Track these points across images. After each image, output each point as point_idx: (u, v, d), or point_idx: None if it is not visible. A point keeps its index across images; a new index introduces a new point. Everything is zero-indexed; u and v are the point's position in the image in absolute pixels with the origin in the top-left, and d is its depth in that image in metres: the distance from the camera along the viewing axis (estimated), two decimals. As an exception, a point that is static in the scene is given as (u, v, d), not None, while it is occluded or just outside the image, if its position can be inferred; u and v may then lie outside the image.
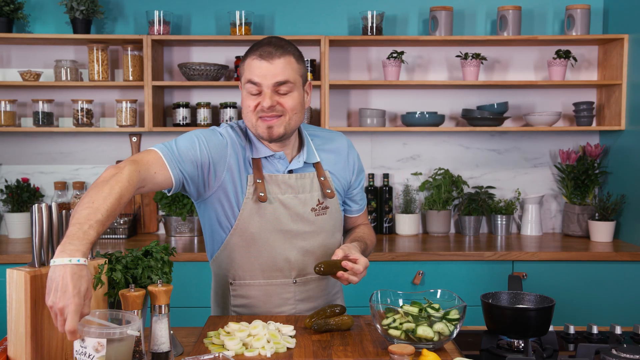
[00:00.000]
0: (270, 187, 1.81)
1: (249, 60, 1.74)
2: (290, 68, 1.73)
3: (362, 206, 2.04)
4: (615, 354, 1.37)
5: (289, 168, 1.84)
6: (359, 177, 2.00)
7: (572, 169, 3.46)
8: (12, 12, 3.31)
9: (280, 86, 1.72)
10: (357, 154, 2.01)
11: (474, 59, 3.37)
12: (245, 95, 1.76)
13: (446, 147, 3.62)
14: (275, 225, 1.82)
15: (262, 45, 1.74)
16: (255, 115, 1.74)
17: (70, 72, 3.37)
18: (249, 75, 1.73)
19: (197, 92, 3.57)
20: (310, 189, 1.86)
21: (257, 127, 1.76)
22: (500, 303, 1.69)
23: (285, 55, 1.73)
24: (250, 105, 1.74)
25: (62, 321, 1.27)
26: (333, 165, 1.92)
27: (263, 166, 1.82)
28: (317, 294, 1.93)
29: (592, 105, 3.48)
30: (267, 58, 1.71)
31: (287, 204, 1.82)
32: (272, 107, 1.72)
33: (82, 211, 1.39)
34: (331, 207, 1.90)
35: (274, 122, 1.74)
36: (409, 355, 1.37)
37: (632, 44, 3.27)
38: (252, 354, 1.52)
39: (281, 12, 3.54)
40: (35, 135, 3.58)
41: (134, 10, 3.52)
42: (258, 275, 1.86)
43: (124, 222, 3.47)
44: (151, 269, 1.57)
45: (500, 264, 3.05)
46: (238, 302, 1.90)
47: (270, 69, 1.71)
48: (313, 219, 1.86)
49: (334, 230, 1.93)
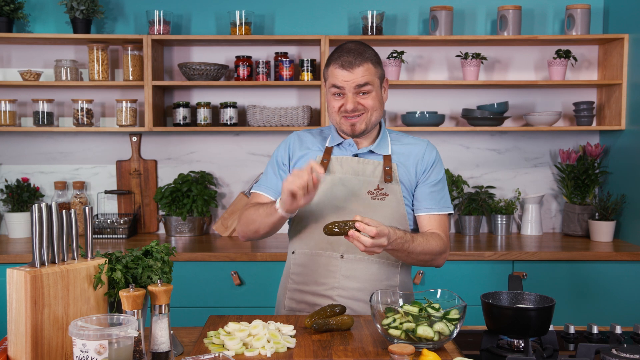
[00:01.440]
0: (333, 166, 2.00)
1: (332, 68, 1.94)
2: (368, 73, 1.92)
3: (430, 206, 1.99)
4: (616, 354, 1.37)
5: (356, 152, 2.01)
6: (432, 174, 2.00)
7: (572, 168, 3.45)
8: (12, 12, 3.31)
9: (360, 88, 1.91)
10: (433, 156, 2.02)
11: (474, 59, 3.37)
12: (330, 97, 1.96)
13: (446, 147, 3.62)
14: (331, 200, 1.97)
15: (342, 53, 1.93)
16: (340, 115, 1.95)
17: (71, 72, 3.37)
18: (332, 80, 1.93)
19: (197, 91, 3.57)
20: (372, 174, 1.98)
21: (341, 125, 1.96)
22: (501, 303, 1.69)
23: (363, 63, 1.91)
24: (335, 106, 1.95)
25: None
26: (403, 161, 2.00)
27: (334, 151, 2.03)
28: (363, 276, 1.95)
29: (592, 105, 3.48)
30: (348, 68, 1.91)
31: (345, 182, 1.97)
32: (355, 109, 1.92)
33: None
34: (391, 195, 1.96)
35: (356, 120, 1.94)
36: (409, 355, 1.37)
37: (632, 43, 3.27)
38: (252, 353, 1.52)
39: (281, 11, 3.54)
40: (35, 135, 3.58)
41: (134, 10, 3.52)
42: (312, 245, 1.99)
43: (124, 221, 3.47)
44: (151, 269, 1.57)
45: (500, 263, 3.05)
46: (295, 270, 2.03)
47: (351, 77, 1.90)
48: (369, 202, 1.96)
49: (393, 221, 1.94)
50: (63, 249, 1.49)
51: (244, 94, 3.57)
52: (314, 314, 1.73)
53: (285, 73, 3.38)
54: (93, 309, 1.51)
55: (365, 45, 1.96)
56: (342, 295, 1.95)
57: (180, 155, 3.61)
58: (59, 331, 1.44)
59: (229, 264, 3.02)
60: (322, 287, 1.97)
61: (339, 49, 1.95)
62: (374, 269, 1.96)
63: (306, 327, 1.71)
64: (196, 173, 3.54)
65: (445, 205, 2.02)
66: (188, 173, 3.54)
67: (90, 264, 1.51)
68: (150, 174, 3.60)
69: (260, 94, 3.57)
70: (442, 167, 2.05)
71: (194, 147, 3.61)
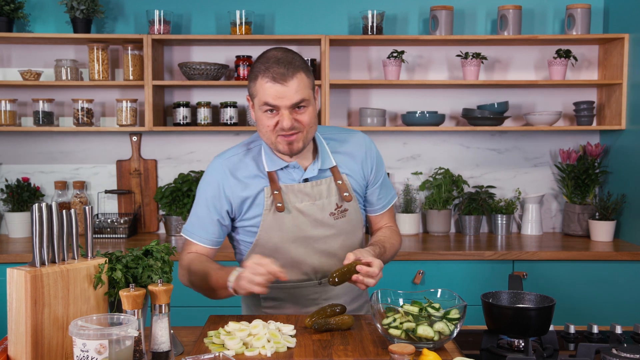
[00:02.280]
0: (287, 197, 1.85)
1: (261, 81, 1.74)
2: (303, 85, 1.74)
3: (382, 205, 2.03)
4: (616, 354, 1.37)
5: (305, 176, 1.87)
6: (378, 174, 1.99)
7: (572, 168, 3.45)
8: (13, 12, 3.31)
9: (297, 105, 1.74)
10: (376, 152, 2.01)
11: (474, 59, 3.37)
12: (261, 114, 1.77)
13: (446, 147, 3.62)
14: (295, 234, 1.87)
15: (270, 64, 1.73)
16: (275, 134, 1.77)
17: (71, 71, 3.37)
18: (263, 98, 1.74)
19: (197, 91, 3.57)
20: (328, 194, 1.88)
21: (277, 145, 1.79)
22: (501, 303, 1.69)
23: (296, 74, 1.73)
24: (270, 125, 1.76)
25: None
26: (350, 167, 1.93)
27: (279, 177, 1.86)
28: (342, 292, 1.95)
29: (592, 104, 3.48)
30: (280, 81, 1.71)
31: (305, 212, 1.86)
32: (292, 127, 1.75)
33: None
34: (350, 209, 1.92)
35: (293, 139, 1.77)
36: (409, 355, 1.37)
37: (632, 43, 3.27)
38: (253, 353, 1.52)
39: (281, 11, 3.54)
40: (35, 135, 3.58)
41: (134, 9, 3.52)
42: (288, 281, 1.88)
43: (124, 221, 3.47)
44: (151, 269, 1.57)
45: (500, 263, 3.05)
46: (268, 304, 1.97)
47: (285, 92, 1.72)
48: (332, 223, 1.89)
49: (354, 230, 1.95)
50: (63, 248, 1.49)
51: (244, 94, 3.57)
52: (314, 314, 1.73)
53: (285, 73, 3.38)
54: (93, 308, 1.51)
55: (292, 52, 1.78)
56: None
57: (180, 155, 3.61)
58: (59, 331, 1.44)
59: (229, 264, 3.01)
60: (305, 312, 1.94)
61: (264, 59, 1.75)
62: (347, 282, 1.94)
63: (306, 326, 1.71)
64: (196, 173, 3.54)
65: (392, 195, 2.05)
66: (188, 173, 3.54)
67: (90, 264, 1.51)
68: (151, 173, 3.59)
69: (261, 94, 3.57)
70: (382, 158, 2.03)
71: (194, 146, 3.61)
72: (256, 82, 1.75)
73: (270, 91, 1.72)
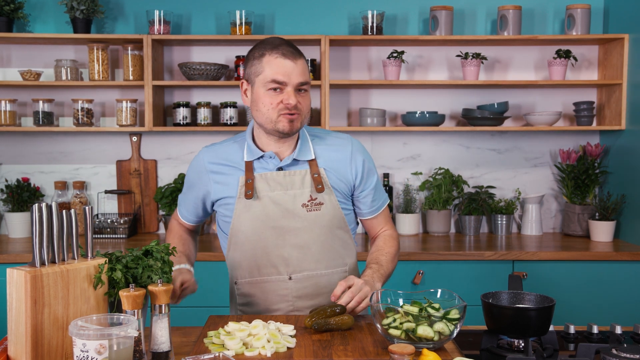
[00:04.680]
0: (259, 185, 1.88)
1: (269, 58, 1.79)
2: (306, 70, 1.83)
3: (373, 208, 2.01)
4: (616, 354, 1.37)
5: (279, 165, 1.89)
6: (368, 180, 1.97)
7: (572, 168, 3.45)
8: (13, 12, 3.31)
9: (302, 86, 1.81)
10: (365, 157, 1.97)
11: (474, 59, 3.37)
12: (264, 93, 1.80)
13: (446, 147, 3.62)
14: (265, 222, 1.87)
15: (277, 44, 1.80)
16: (277, 113, 1.80)
17: (71, 71, 3.37)
18: (272, 74, 1.78)
19: (197, 91, 3.57)
20: (301, 185, 1.88)
21: (278, 123, 1.81)
22: (501, 303, 1.69)
23: (302, 58, 1.83)
24: (273, 103, 1.79)
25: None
26: (331, 164, 1.92)
27: (255, 167, 1.89)
28: (316, 292, 1.92)
29: (592, 105, 3.48)
30: (291, 58, 1.78)
31: (276, 200, 1.87)
32: (295, 105, 1.80)
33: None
34: (326, 203, 1.90)
35: (295, 117, 1.81)
36: (409, 355, 1.37)
37: (632, 43, 3.27)
38: (252, 353, 1.52)
39: (281, 11, 3.54)
40: (35, 135, 3.58)
41: (134, 9, 3.52)
42: (255, 273, 1.92)
43: (124, 221, 3.47)
44: (151, 269, 1.57)
45: (500, 263, 3.05)
46: (242, 301, 1.97)
47: (295, 69, 1.78)
48: (304, 215, 1.88)
49: (333, 227, 1.92)
50: (63, 248, 1.49)
51: (244, 94, 3.56)
52: (314, 314, 1.72)
53: (285, 73, 3.38)
54: (93, 308, 1.51)
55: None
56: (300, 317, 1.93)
57: (180, 155, 3.61)
58: (59, 331, 1.44)
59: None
60: (276, 314, 1.92)
61: (267, 42, 1.83)
62: (323, 281, 1.92)
63: (306, 326, 1.71)
64: (196, 173, 3.54)
65: (384, 198, 2.05)
66: (188, 173, 3.53)
67: (90, 264, 1.51)
68: (150, 173, 3.60)
69: (261, 94, 3.57)
70: (373, 163, 2.01)
71: (194, 146, 3.61)
72: (262, 60, 1.80)
73: (279, 66, 1.77)
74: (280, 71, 1.77)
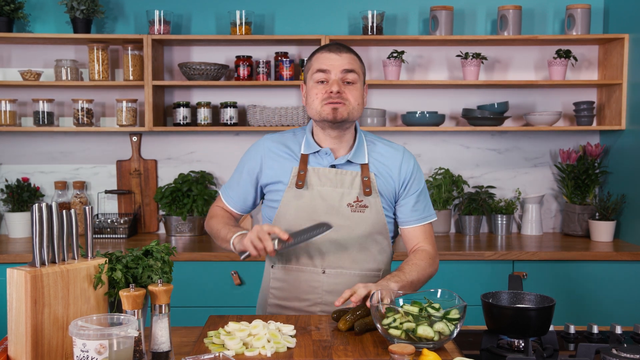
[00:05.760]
0: (310, 179, 1.94)
1: (318, 54, 1.92)
2: (355, 62, 1.91)
3: (413, 218, 2.00)
4: (616, 354, 1.37)
5: (333, 163, 1.95)
6: (412, 187, 1.99)
7: (572, 168, 3.45)
8: (13, 12, 3.31)
9: (347, 74, 1.88)
10: (411, 166, 2.01)
11: (474, 59, 3.37)
12: (312, 85, 1.91)
13: (446, 147, 3.62)
14: (310, 215, 1.93)
15: (328, 45, 1.94)
16: (321, 102, 1.89)
17: (71, 71, 3.37)
18: (317, 65, 1.90)
19: (197, 91, 3.57)
20: (350, 185, 1.94)
21: (322, 112, 1.89)
22: (501, 303, 1.69)
23: (350, 53, 1.92)
24: (318, 94, 1.89)
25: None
26: (381, 171, 1.97)
27: (309, 161, 1.96)
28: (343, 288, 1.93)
29: (592, 104, 3.48)
30: (336, 51, 1.90)
31: (324, 195, 1.93)
32: (339, 93, 1.86)
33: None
34: (371, 206, 1.94)
35: (338, 105, 1.87)
36: (409, 355, 1.37)
37: (632, 43, 3.27)
38: (253, 353, 1.52)
39: (281, 11, 3.54)
40: (35, 135, 3.58)
41: (134, 9, 3.52)
42: (292, 261, 1.97)
43: (124, 221, 3.47)
44: (151, 269, 1.57)
45: (500, 263, 3.05)
46: (275, 285, 2.01)
47: (338, 59, 1.89)
48: (348, 215, 1.93)
49: (373, 232, 1.95)
50: (63, 248, 1.49)
51: (244, 94, 3.57)
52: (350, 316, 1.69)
53: (285, 73, 3.38)
54: (93, 308, 1.51)
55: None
56: (325, 310, 1.95)
57: (180, 155, 3.61)
58: (59, 331, 1.44)
59: (229, 264, 3.02)
60: (304, 303, 1.96)
61: (322, 45, 1.96)
62: (355, 281, 1.94)
63: (341, 329, 1.69)
64: (196, 173, 3.54)
65: (429, 214, 2.03)
66: (188, 173, 3.54)
67: (90, 264, 1.51)
68: (151, 173, 3.60)
69: (261, 94, 3.57)
70: (422, 176, 2.04)
71: (194, 147, 3.61)
72: (312, 59, 1.94)
73: (325, 57, 1.89)
74: (325, 62, 1.88)
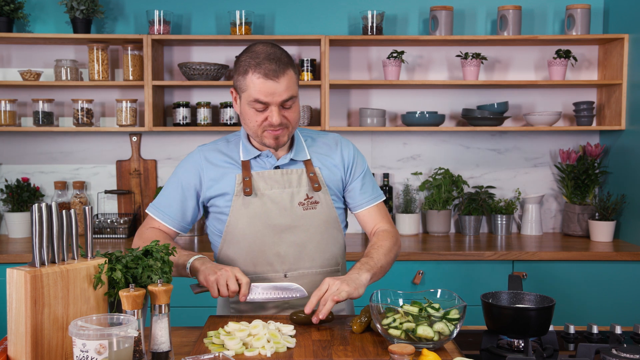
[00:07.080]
0: (257, 183, 1.90)
1: (252, 77, 1.78)
2: (292, 82, 1.81)
3: (364, 201, 2.01)
4: (616, 354, 1.37)
5: (276, 164, 1.92)
6: (356, 170, 2.00)
7: (572, 168, 3.45)
8: (12, 12, 3.31)
9: (286, 102, 1.81)
10: (351, 150, 2.01)
11: (474, 59, 3.37)
12: (249, 109, 1.82)
13: (446, 147, 3.62)
14: (263, 220, 1.89)
15: (261, 60, 1.78)
16: (262, 129, 1.83)
17: (71, 71, 3.37)
18: (254, 94, 1.78)
19: (197, 91, 3.57)
20: (298, 184, 1.92)
21: (264, 139, 1.85)
22: (501, 303, 1.69)
23: (287, 71, 1.79)
24: (258, 120, 1.82)
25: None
26: (324, 163, 1.96)
27: (252, 166, 1.92)
28: (310, 290, 1.91)
29: (592, 105, 3.48)
30: (273, 77, 1.77)
31: (274, 198, 1.90)
32: (280, 123, 1.81)
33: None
34: (321, 202, 1.93)
35: (279, 133, 1.84)
36: (409, 355, 1.37)
37: (632, 43, 3.27)
38: (252, 353, 1.52)
39: (281, 11, 3.54)
40: (35, 135, 3.58)
41: (134, 9, 3.52)
42: (250, 270, 1.91)
43: (124, 221, 3.47)
44: (151, 269, 1.57)
45: (500, 263, 3.05)
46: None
47: (276, 88, 1.77)
48: (301, 214, 1.91)
49: (328, 226, 1.94)
50: (63, 248, 1.49)
51: (244, 94, 3.56)
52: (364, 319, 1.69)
53: (285, 73, 3.38)
54: (93, 308, 1.51)
55: (279, 47, 1.83)
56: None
57: (180, 155, 3.61)
58: (59, 331, 1.44)
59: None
60: (270, 312, 1.95)
61: (253, 54, 1.80)
62: (317, 280, 1.92)
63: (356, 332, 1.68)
64: (196, 173, 3.54)
65: (378, 194, 2.05)
66: (188, 173, 3.53)
67: (90, 264, 1.51)
68: (150, 173, 3.60)
69: (260, 94, 3.57)
70: (363, 158, 2.04)
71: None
72: (246, 77, 1.80)
73: (262, 87, 1.77)
74: (263, 92, 1.77)
